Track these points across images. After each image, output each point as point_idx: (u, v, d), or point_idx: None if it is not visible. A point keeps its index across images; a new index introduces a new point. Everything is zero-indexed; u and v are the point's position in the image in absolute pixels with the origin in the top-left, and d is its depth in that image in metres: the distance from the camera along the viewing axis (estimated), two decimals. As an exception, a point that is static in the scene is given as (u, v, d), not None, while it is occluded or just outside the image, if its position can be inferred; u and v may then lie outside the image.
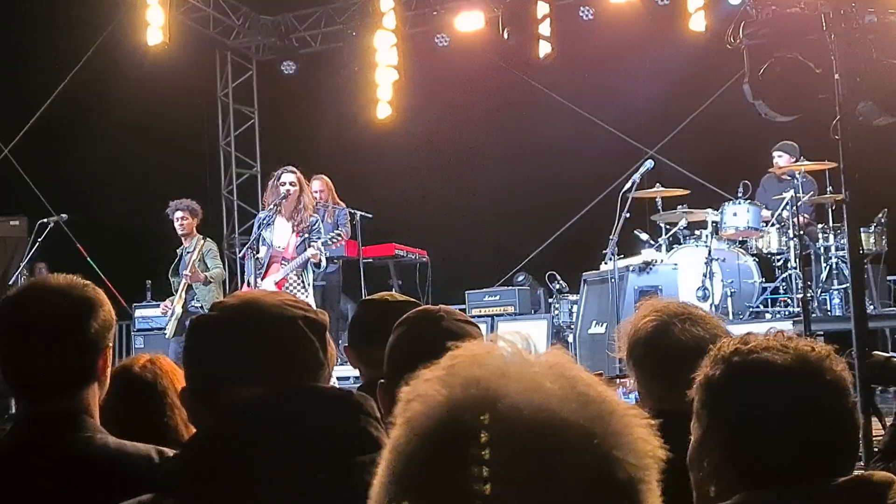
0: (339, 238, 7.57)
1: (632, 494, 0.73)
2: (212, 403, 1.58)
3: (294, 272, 7.41)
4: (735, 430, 1.54)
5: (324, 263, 7.49)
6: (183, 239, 8.52)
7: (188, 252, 8.44)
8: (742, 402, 1.54)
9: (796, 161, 8.51)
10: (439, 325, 1.93)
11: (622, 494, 0.72)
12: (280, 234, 7.52)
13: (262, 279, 7.40)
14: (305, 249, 7.31)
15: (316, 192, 8.65)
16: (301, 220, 7.45)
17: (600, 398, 0.76)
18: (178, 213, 8.46)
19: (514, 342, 0.81)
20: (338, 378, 4.61)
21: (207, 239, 8.68)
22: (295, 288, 7.39)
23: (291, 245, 7.45)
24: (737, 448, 1.53)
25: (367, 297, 3.05)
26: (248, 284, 7.50)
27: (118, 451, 1.91)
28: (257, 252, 7.55)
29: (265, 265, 7.49)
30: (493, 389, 0.74)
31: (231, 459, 1.43)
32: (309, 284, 7.49)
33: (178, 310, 8.29)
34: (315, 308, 1.72)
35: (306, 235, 7.37)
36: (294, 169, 7.59)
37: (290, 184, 7.46)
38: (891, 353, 3.80)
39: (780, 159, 8.92)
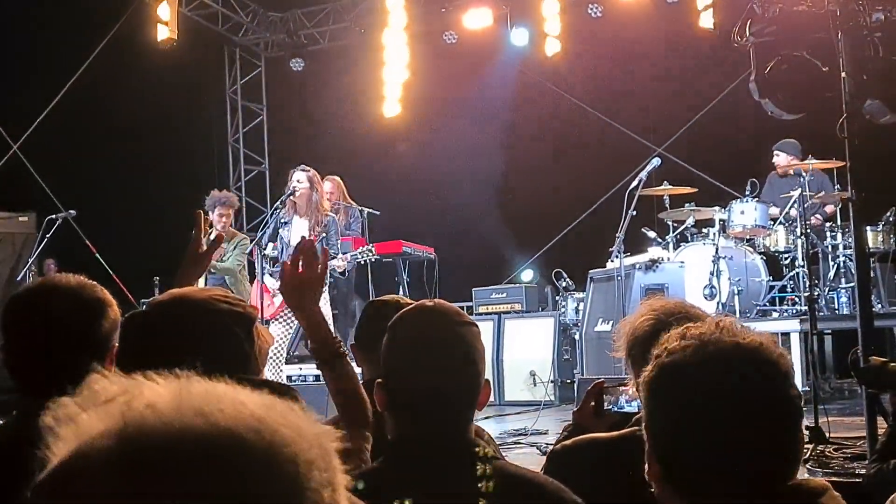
0: (371, 252, 7.57)
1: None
2: None
3: None
4: (660, 436, 1.42)
5: (347, 272, 7.61)
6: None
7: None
8: (662, 406, 1.42)
9: (796, 159, 8.48)
10: (431, 323, 1.94)
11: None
12: (297, 233, 7.47)
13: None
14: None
15: (327, 192, 8.64)
16: (317, 221, 7.42)
17: (262, 408, 0.70)
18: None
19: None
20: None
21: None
22: None
23: None
24: (663, 456, 1.41)
25: (377, 298, 3.09)
26: (261, 282, 7.50)
27: None
28: (265, 248, 7.54)
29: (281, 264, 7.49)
30: (135, 405, 0.69)
31: None
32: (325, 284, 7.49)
33: None
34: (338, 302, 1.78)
35: (323, 235, 7.35)
36: (307, 167, 7.56)
37: (299, 181, 7.48)
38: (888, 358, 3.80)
39: (778, 158, 8.89)
